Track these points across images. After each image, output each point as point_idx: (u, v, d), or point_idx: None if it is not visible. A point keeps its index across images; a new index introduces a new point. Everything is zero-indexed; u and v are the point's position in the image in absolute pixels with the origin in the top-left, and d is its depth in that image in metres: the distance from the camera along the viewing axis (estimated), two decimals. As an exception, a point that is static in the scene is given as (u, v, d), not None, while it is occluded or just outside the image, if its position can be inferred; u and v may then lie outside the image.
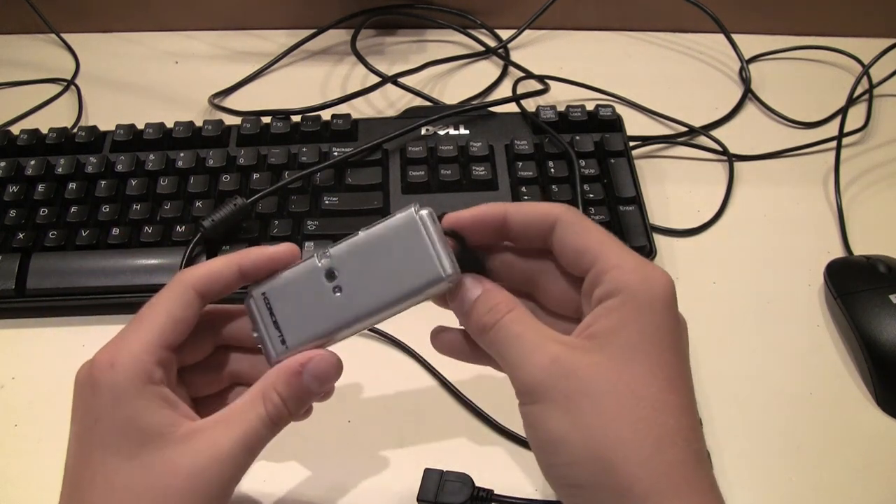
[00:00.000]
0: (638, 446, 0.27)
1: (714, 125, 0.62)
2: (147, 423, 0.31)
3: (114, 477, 0.30)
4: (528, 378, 0.30)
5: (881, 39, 0.63)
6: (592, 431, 0.28)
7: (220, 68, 0.68)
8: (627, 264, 0.30)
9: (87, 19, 0.71)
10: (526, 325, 0.31)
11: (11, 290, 0.48)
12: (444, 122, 0.57)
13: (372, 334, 0.47)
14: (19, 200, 0.52)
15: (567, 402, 0.29)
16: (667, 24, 0.71)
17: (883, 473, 0.41)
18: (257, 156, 0.54)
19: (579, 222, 0.32)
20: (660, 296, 0.30)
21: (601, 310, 0.30)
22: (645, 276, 0.30)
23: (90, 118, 0.64)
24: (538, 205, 0.33)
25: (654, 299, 0.30)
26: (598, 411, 0.28)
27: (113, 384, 0.31)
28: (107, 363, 0.31)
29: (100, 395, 0.31)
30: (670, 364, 0.29)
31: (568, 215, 0.32)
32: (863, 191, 0.56)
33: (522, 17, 0.69)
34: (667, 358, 0.29)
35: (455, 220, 0.33)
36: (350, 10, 0.70)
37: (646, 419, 0.28)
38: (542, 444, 0.30)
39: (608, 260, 0.31)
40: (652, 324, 0.29)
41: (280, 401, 0.32)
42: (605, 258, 0.31)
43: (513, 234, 0.33)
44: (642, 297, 0.30)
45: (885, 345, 0.44)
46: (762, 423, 0.43)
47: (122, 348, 0.32)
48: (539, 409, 0.29)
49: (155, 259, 0.48)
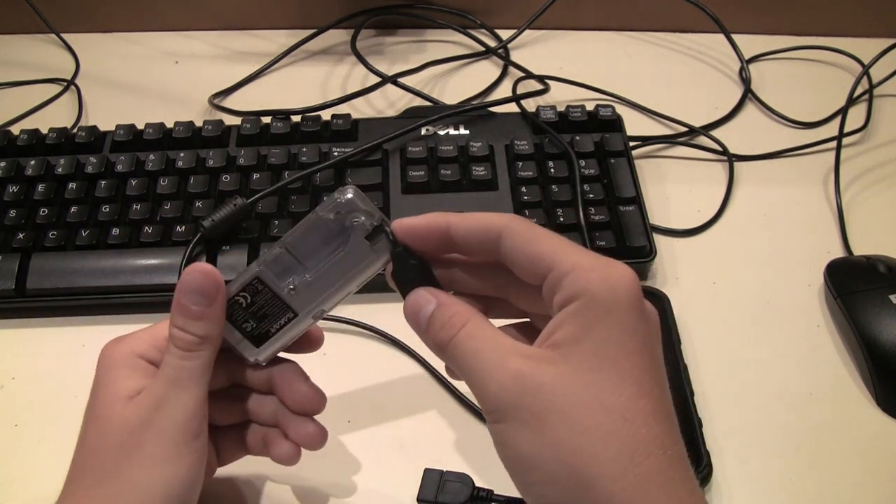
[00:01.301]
0: (611, 461, 0.26)
1: (714, 125, 0.62)
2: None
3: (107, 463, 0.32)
4: (491, 396, 0.29)
5: (881, 39, 0.63)
6: (563, 448, 0.27)
7: (220, 68, 0.68)
8: (585, 264, 0.29)
9: (87, 19, 0.71)
10: (484, 338, 0.30)
11: (11, 290, 0.47)
12: (444, 122, 0.57)
13: (372, 334, 0.47)
14: (19, 200, 0.52)
15: (535, 419, 0.27)
16: (667, 24, 0.71)
17: (883, 473, 0.41)
18: (257, 156, 0.54)
19: (527, 230, 0.30)
20: (622, 295, 0.28)
21: (563, 315, 0.29)
22: (605, 275, 0.28)
23: (90, 118, 0.64)
24: (481, 216, 0.32)
25: (616, 299, 0.28)
26: (567, 426, 0.27)
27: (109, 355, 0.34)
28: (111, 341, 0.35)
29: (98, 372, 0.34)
30: (639, 367, 0.28)
31: (513, 224, 0.31)
32: (863, 191, 0.56)
33: (522, 17, 0.69)
34: (635, 361, 0.28)
35: (400, 226, 0.33)
36: (350, 10, 0.70)
37: (617, 431, 0.27)
38: (514, 462, 0.29)
39: (564, 262, 0.29)
40: (616, 327, 0.28)
41: (174, 328, 0.33)
42: (560, 261, 0.29)
43: (458, 246, 0.32)
44: (604, 298, 0.28)
45: (885, 345, 0.44)
46: (762, 423, 0.43)
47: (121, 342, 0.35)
48: (507, 428, 0.28)
49: (155, 259, 0.48)
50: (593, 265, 0.29)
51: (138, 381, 0.33)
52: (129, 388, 0.33)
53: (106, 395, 0.33)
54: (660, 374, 0.29)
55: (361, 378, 0.45)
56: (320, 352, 0.47)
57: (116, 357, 0.34)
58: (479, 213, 0.32)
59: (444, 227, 0.32)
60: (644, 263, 0.49)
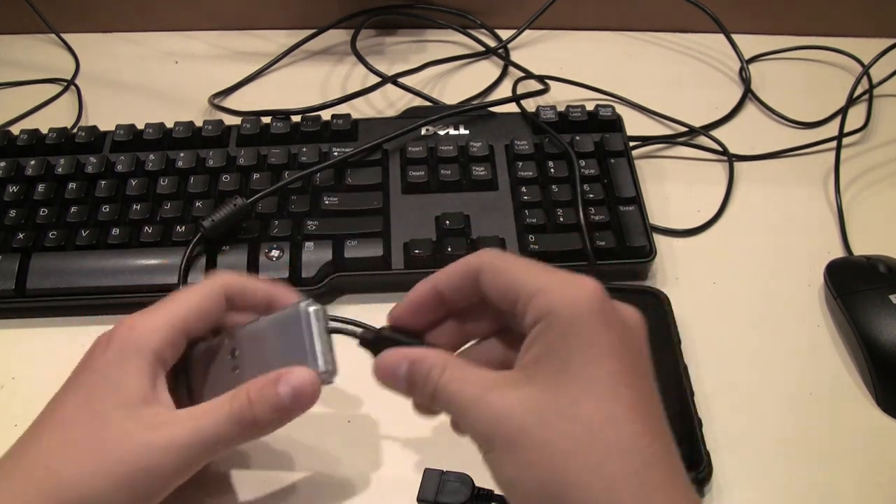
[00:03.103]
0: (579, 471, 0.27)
1: (714, 125, 0.62)
2: (128, 388, 0.33)
3: (74, 418, 0.33)
4: (476, 432, 0.30)
5: (881, 39, 0.63)
6: (537, 467, 0.28)
7: (220, 68, 0.68)
8: (549, 286, 0.30)
9: (87, 19, 0.71)
10: (462, 380, 0.31)
11: (11, 290, 0.47)
12: (444, 122, 0.57)
13: (372, 334, 0.47)
14: (19, 200, 0.52)
15: (510, 444, 0.28)
16: (667, 24, 0.71)
17: (883, 473, 0.41)
18: (257, 156, 0.54)
19: (499, 261, 0.31)
20: (583, 308, 0.29)
21: (531, 338, 0.30)
22: (566, 293, 0.29)
23: (90, 118, 0.64)
24: (460, 262, 0.33)
25: (577, 314, 0.29)
26: (536, 445, 0.28)
27: (124, 341, 0.34)
28: (128, 325, 0.34)
29: (110, 349, 0.34)
30: (607, 373, 0.28)
31: (486, 258, 0.32)
32: (863, 191, 0.56)
33: (522, 17, 0.69)
34: (605, 369, 0.28)
35: (394, 315, 0.34)
36: (350, 10, 0.70)
37: (582, 441, 0.27)
38: (505, 488, 0.30)
39: (530, 287, 0.30)
40: (578, 340, 0.28)
41: (247, 401, 0.33)
42: (526, 287, 0.30)
43: (450, 299, 0.33)
44: (565, 315, 0.29)
45: (885, 345, 0.44)
46: (762, 423, 0.43)
47: (147, 318, 0.35)
48: (493, 457, 0.29)
49: (155, 259, 0.48)
50: (556, 285, 0.30)
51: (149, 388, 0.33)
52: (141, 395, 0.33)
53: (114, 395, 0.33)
54: (634, 377, 0.29)
55: (361, 378, 0.45)
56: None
57: (131, 349, 0.34)
58: (459, 260, 0.33)
59: (431, 290, 0.33)
60: (644, 263, 0.49)
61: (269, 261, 0.48)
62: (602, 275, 0.48)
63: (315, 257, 0.48)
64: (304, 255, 0.48)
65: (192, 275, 0.48)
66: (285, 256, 0.48)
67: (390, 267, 0.49)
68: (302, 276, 0.48)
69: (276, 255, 0.48)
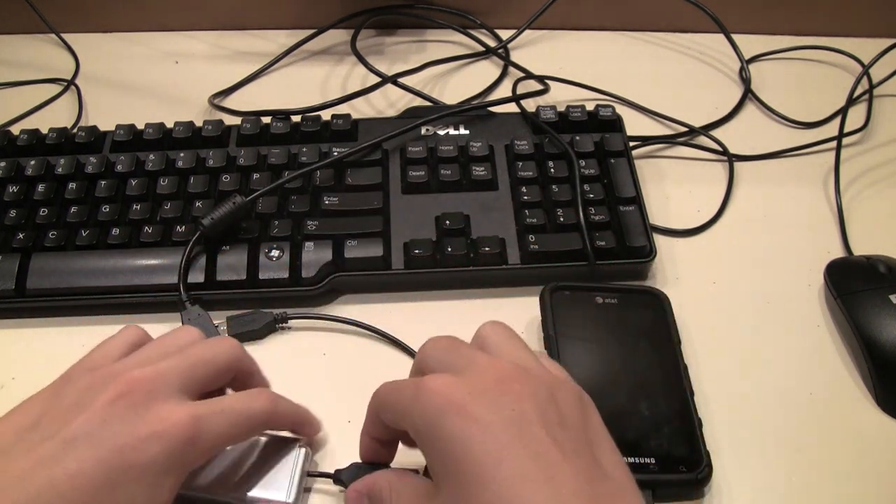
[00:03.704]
0: None
1: (714, 125, 0.62)
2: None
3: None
4: None
5: (881, 39, 0.63)
6: None
7: (220, 68, 0.68)
8: (406, 405, 0.32)
9: (87, 19, 0.71)
10: (399, 497, 0.33)
11: (11, 290, 0.47)
12: (444, 122, 0.57)
13: (372, 334, 0.47)
14: (19, 200, 0.52)
15: None
16: (667, 24, 0.71)
17: (883, 473, 0.41)
18: (257, 156, 0.54)
19: (381, 396, 0.35)
20: (429, 417, 0.30)
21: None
22: (416, 408, 0.31)
23: (90, 118, 0.64)
24: (368, 405, 0.36)
25: (429, 425, 0.30)
26: None
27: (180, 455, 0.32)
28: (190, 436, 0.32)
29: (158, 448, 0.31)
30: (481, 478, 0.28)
31: (375, 397, 0.35)
32: (863, 191, 0.56)
33: (522, 17, 0.69)
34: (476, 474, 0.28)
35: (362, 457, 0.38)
36: (350, 10, 0.70)
37: None
38: None
39: (399, 411, 0.33)
40: (441, 450, 0.29)
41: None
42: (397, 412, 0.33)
43: (389, 438, 0.37)
44: (423, 429, 0.30)
45: (885, 345, 0.44)
46: (762, 423, 0.43)
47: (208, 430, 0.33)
48: None
49: (155, 259, 0.48)
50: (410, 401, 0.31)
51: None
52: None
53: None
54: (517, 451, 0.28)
55: (361, 378, 0.45)
56: (320, 352, 0.47)
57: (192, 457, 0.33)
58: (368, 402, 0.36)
59: (367, 437, 0.37)
60: (644, 263, 0.49)
61: (269, 261, 0.48)
62: (602, 275, 0.48)
63: (315, 257, 0.48)
64: (304, 255, 0.48)
65: (193, 275, 0.48)
66: (285, 256, 0.48)
67: (390, 267, 0.49)
68: (302, 276, 0.48)
69: (276, 255, 0.48)
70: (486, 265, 0.49)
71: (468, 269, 0.48)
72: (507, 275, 0.49)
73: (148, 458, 0.30)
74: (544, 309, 0.45)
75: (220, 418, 0.33)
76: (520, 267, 0.49)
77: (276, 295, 0.48)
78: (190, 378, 0.34)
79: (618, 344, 0.44)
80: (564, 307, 0.45)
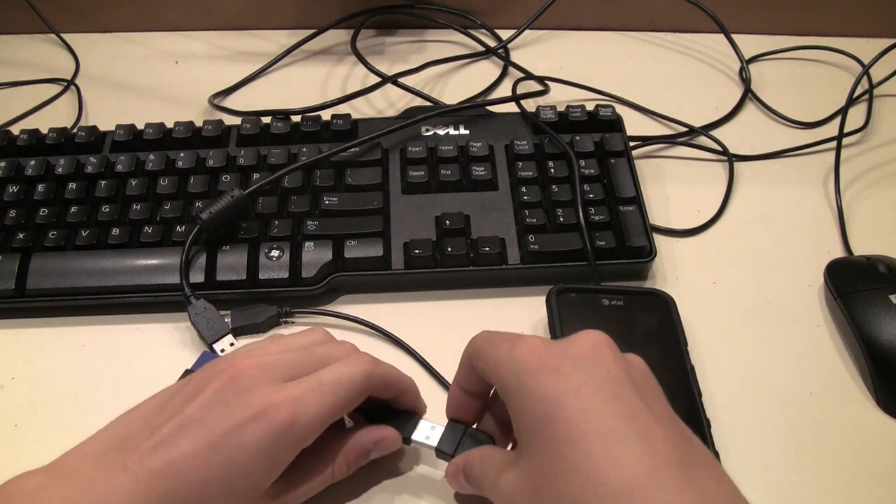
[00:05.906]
0: None
1: (714, 125, 0.62)
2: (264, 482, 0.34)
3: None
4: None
5: (881, 39, 0.64)
6: None
7: (220, 68, 0.68)
8: (501, 358, 0.32)
9: (87, 19, 0.71)
10: (483, 472, 0.34)
11: (11, 290, 0.47)
12: (444, 122, 0.57)
13: (372, 333, 0.47)
14: (19, 200, 0.52)
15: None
16: (667, 24, 0.71)
17: (883, 473, 0.41)
18: (257, 156, 0.54)
19: (478, 344, 0.35)
20: (522, 375, 0.30)
21: (509, 411, 0.32)
22: (510, 363, 0.31)
23: (90, 118, 0.64)
24: (463, 354, 0.36)
25: (521, 382, 0.30)
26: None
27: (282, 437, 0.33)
28: (289, 418, 0.33)
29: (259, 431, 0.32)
30: (568, 437, 0.28)
31: (472, 344, 0.35)
32: (863, 191, 0.56)
33: (522, 17, 0.69)
34: (561, 432, 0.29)
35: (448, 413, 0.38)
36: (350, 10, 0.70)
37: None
38: None
39: (491, 362, 0.33)
40: (533, 405, 0.30)
41: (346, 468, 0.37)
42: (489, 363, 0.33)
43: (479, 391, 0.37)
44: (514, 385, 0.31)
45: (885, 345, 0.44)
46: (762, 423, 0.43)
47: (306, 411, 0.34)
48: None
49: (155, 259, 0.48)
50: (504, 357, 0.32)
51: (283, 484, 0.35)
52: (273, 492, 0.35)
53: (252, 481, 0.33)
54: (600, 414, 0.29)
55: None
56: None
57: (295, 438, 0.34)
58: (463, 352, 0.36)
59: (457, 388, 0.37)
60: (644, 263, 0.49)
61: (269, 261, 0.48)
62: (602, 275, 0.48)
63: (315, 257, 0.48)
64: (304, 255, 0.48)
65: (193, 275, 0.48)
66: (285, 256, 0.48)
67: (390, 267, 0.49)
68: (302, 276, 0.48)
69: (276, 255, 0.48)
70: (486, 265, 0.49)
71: (468, 269, 0.48)
72: (507, 275, 0.49)
73: (251, 440, 0.32)
74: (551, 311, 0.45)
75: (317, 394, 0.34)
76: (520, 267, 0.49)
77: (276, 295, 0.48)
78: (297, 368, 0.35)
79: (625, 346, 0.44)
80: (571, 309, 0.45)
